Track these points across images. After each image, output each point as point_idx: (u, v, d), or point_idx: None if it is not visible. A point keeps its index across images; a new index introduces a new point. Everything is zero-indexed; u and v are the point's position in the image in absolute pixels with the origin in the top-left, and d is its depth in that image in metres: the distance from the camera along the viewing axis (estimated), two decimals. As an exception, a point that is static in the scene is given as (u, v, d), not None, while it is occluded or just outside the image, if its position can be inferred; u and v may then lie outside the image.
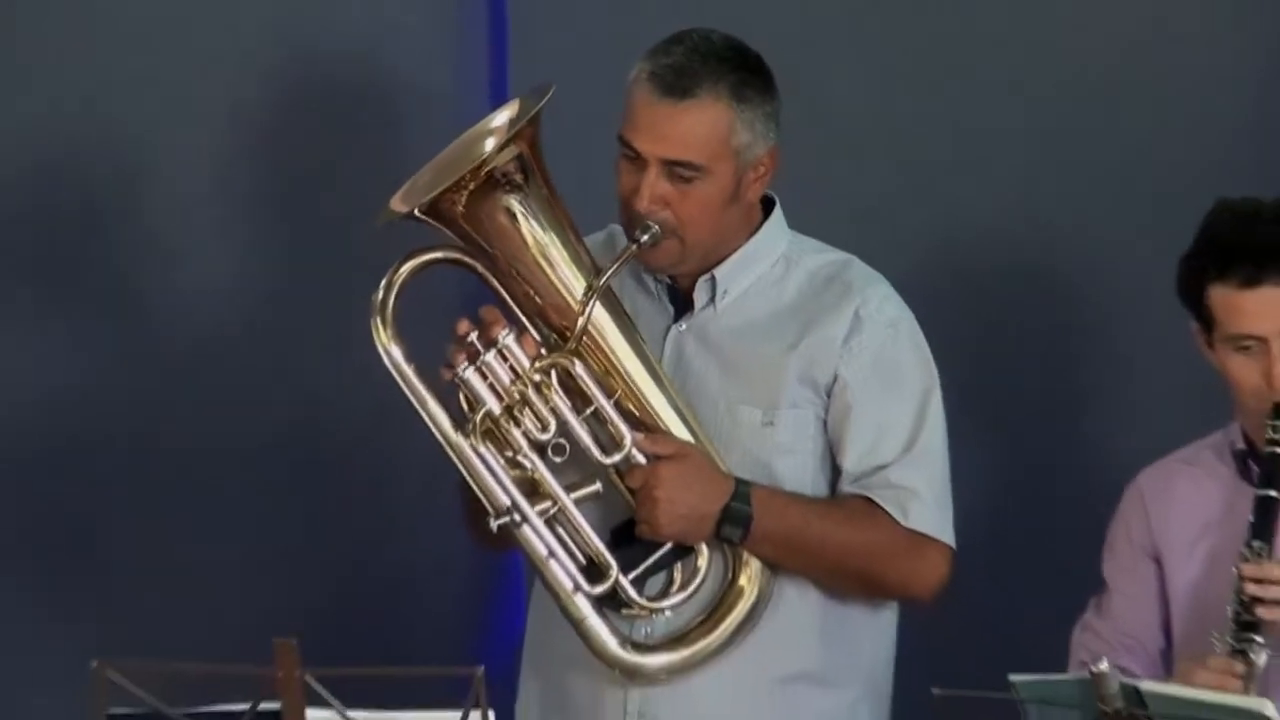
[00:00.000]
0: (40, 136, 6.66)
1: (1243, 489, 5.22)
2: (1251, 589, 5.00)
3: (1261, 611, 4.99)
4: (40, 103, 6.66)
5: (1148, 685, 4.75)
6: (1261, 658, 4.99)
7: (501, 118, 5.23)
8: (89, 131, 6.64)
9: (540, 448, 5.13)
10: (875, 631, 5.38)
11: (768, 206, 5.38)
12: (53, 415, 6.73)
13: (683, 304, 5.34)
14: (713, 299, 5.32)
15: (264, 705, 4.51)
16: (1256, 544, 5.04)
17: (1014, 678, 4.73)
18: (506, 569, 6.03)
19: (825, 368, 5.28)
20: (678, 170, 5.15)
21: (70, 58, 6.65)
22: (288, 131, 6.72)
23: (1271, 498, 5.10)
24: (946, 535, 5.28)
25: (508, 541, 5.21)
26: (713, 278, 5.31)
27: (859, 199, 5.89)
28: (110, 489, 6.61)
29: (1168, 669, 5.36)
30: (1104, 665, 4.69)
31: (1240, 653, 4.98)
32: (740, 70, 5.24)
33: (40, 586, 6.30)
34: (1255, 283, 5.16)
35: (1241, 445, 5.26)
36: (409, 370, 5.17)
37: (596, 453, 5.13)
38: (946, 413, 5.40)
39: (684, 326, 5.34)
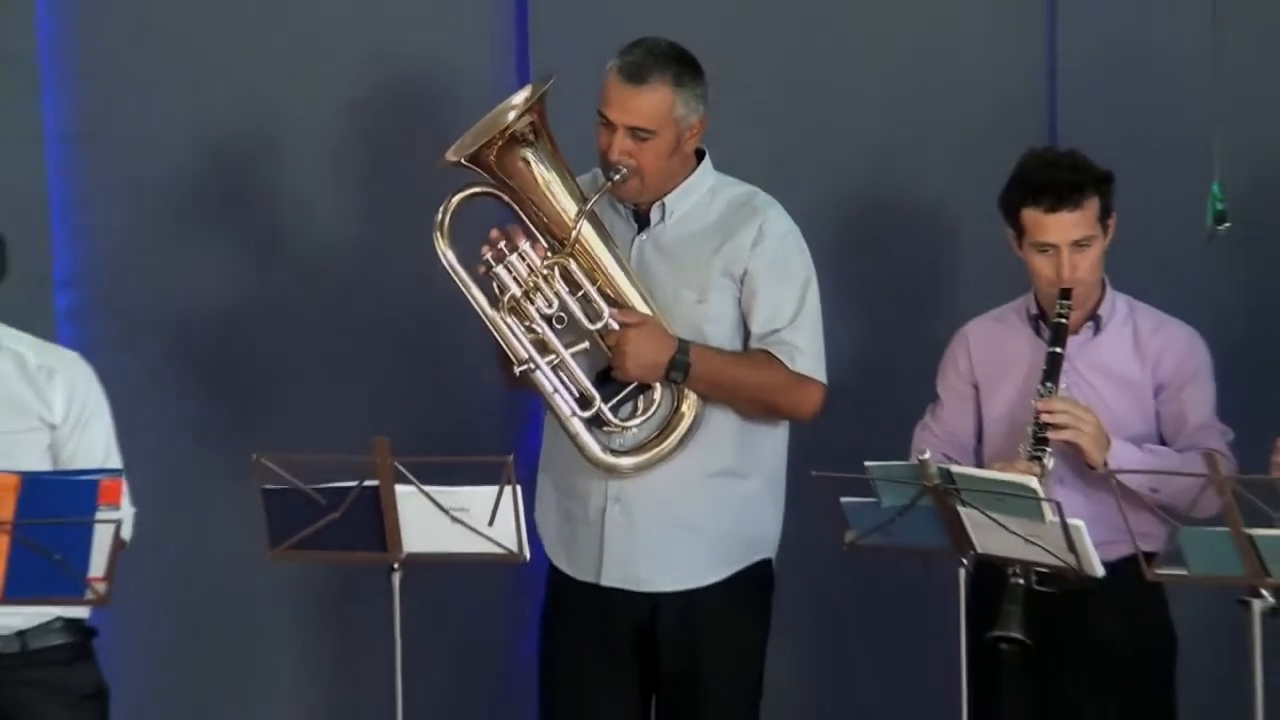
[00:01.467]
0: (216, 121, 6.62)
1: (1037, 343, 5.38)
2: (1044, 417, 5.17)
3: (1050, 433, 5.17)
4: (215, 98, 6.61)
5: (956, 468, 5.01)
6: (1050, 462, 5.14)
7: (519, 97, 5.38)
8: (247, 116, 6.65)
9: (548, 319, 5.35)
10: (774, 440, 5.55)
11: (701, 155, 5.54)
12: (228, 318, 6.71)
13: (643, 221, 5.51)
14: (663, 218, 5.50)
15: (368, 483, 4.83)
16: (1047, 385, 5.23)
17: (868, 464, 5.03)
18: (527, 409, 6.04)
19: (739, 264, 5.45)
20: (637, 132, 5.34)
21: (232, 63, 6.61)
22: (376, 111, 6.69)
23: (1057, 353, 5.27)
24: (820, 376, 5.45)
25: (527, 383, 5.41)
26: (663, 204, 5.49)
27: (762, 149, 5.94)
28: (265, 360, 6.64)
29: (978, 462, 5.48)
30: (927, 454, 5.05)
31: (1036, 458, 5.14)
32: (679, 65, 5.40)
33: (219, 424, 6.37)
34: (1055, 210, 5.28)
35: (1035, 311, 5.41)
36: (460, 267, 5.36)
37: (585, 321, 5.35)
38: (821, 293, 5.55)
39: (644, 237, 5.51)
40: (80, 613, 5.12)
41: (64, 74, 6.73)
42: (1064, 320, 5.31)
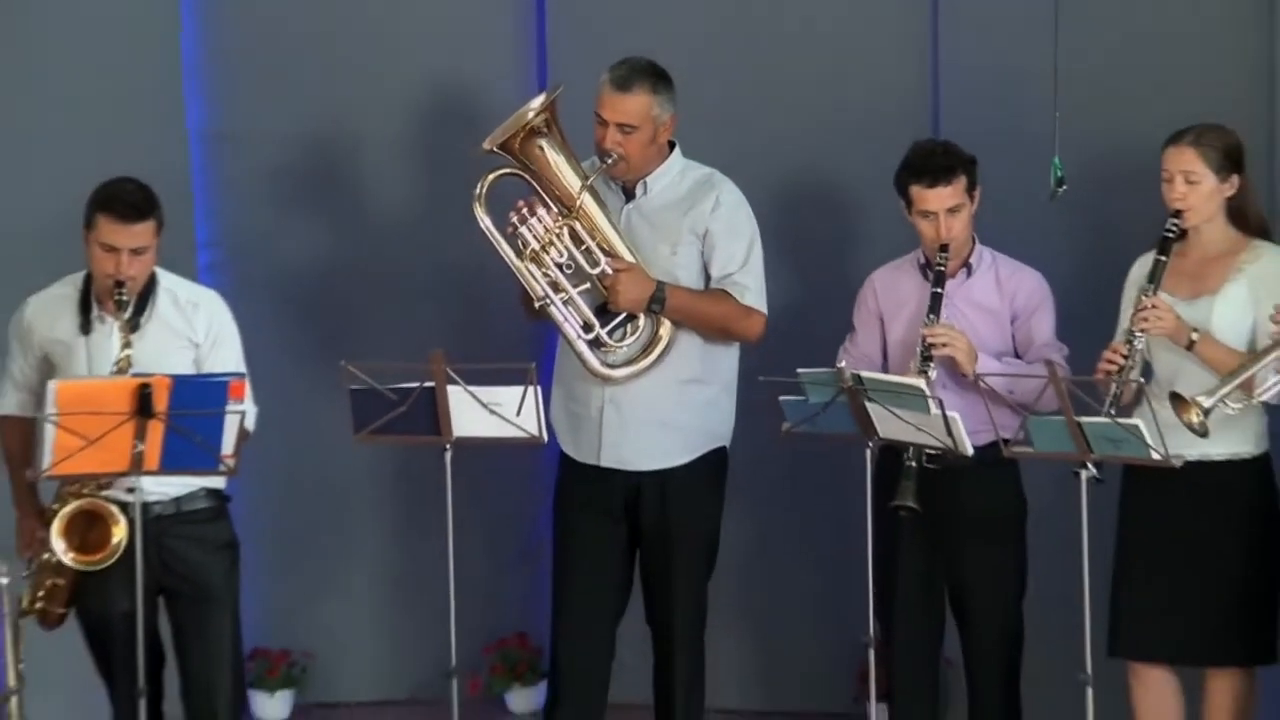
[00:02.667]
0: (314, 123, 6.66)
1: (924, 285, 5.34)
2: (929, 339, 5.14)
3: (934, 351, 5.14)
4: (314, 106, 6.66)
5: (865, 373, 5.07)
6: (933, 374, 5.10)
7: (537, 101, 5.42)
8: (336, 120, 6.66)
9: (559, 266, 5.38)
10: (729, 357, 5.57)
11: (672, 146, 5.54)
12: (323, 270, 6.73)
13: (629, 195, 5.51)
14: (645, 192, 5.50)
15: (426, 384, 4.94)
16: (931, 317, 5.20)
17: (800, 370, 5.12)
18: (543, 335, 6.04)
19: (701, 225, 5.46)
20: (624, 127, 5.36)
21: (326, 78, 6.64)
22: (429, 115, 6.66)
23: (938, 293, 5.23)
24: (763, 308, 5.47)
25: (544, 315, 5.43)
26: (644, 182, 5.50)
27: (717, 141, 5.83)
28: (349, 300, 6.65)
29: (883, 375, 5.31)
30: (843, 364, 5.18)
31: (923, 372, 5.10)
32: (655, 77, 5.42)
33: (315, 347, 6.34)
34: (933, 185, 5.25)
35: (923, 261, 5.37)
36: (493, 229, 5.40)
37: (587, 268, 5.38)
38: (763, 249, 5.55)
39: (630, 206, 5.51)
40: (217, 483, 5.12)
41: (201, 84, 6.72)
42: (943, 268, 5.29)
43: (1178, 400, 4.77)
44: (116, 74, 6.44)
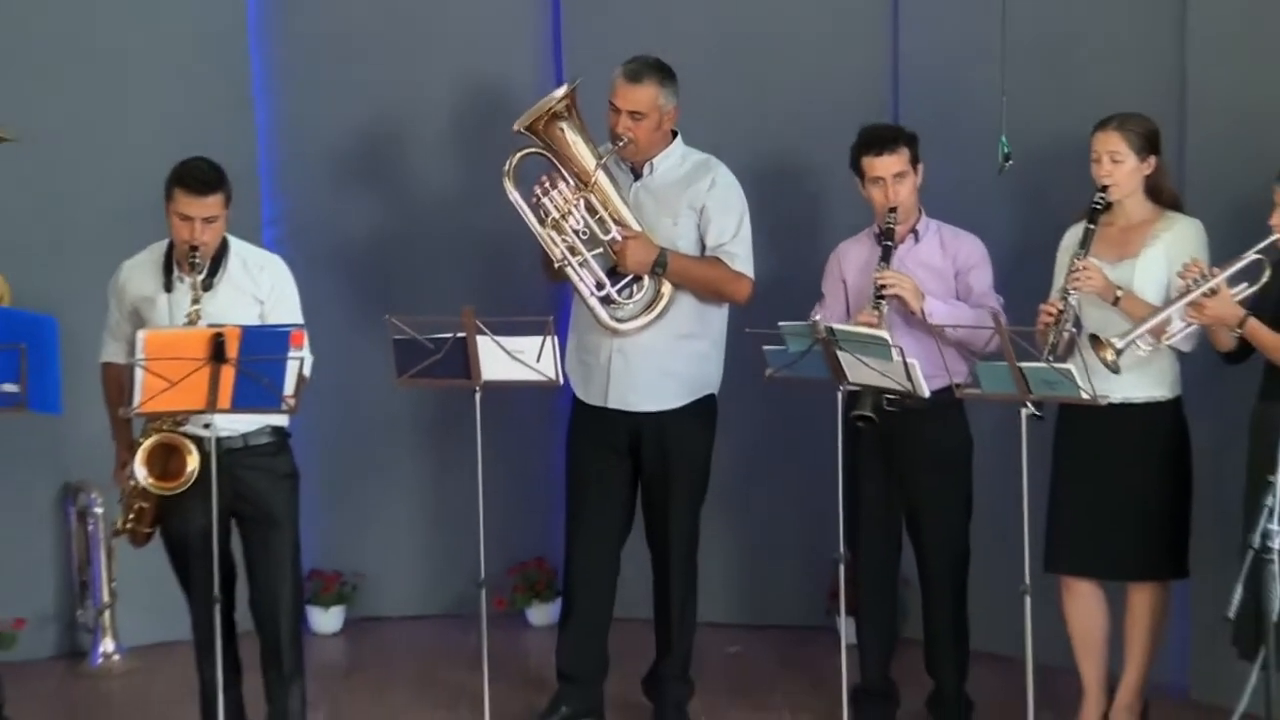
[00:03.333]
0: (368, 111, 6.62)
1: (878, 250, 5.28)
2: (879, 282, 5.13)
3: (884, 291, 5.14)
4: (368, 95, 6.60)
5: (837, 325, 5.05)
6: (885, 309, 5.11)
7: (559, 91, 5.42)
8: (387, 107, 6.61)
9: (576, 232, 5.38)
10: (719, 315, 5.55)
11: (675, 134, 5.51)
12: (374, 240, 6.70)
13: (637, 174, 5.49)
14: (651, 172, 5.48)
15: (459, 334, 4.94)
16: (881, 264, 5.19)
17: (780, 324, 5.09)
18: (560, 294, 5.94)
19: (699, 201, 5.46)
20: (634, 114, 5.36)
21: (380, 71, 6.59)
22: (466, 105, 6.62)
23: (889, 245, 5.22)
24: (750, 274, 5.46)
25: (562, 276, 5.44)
26: (651, 163, 5.48)
27: (709, 131, 5.75)
28: (396, 265, 6.63)
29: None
30: (817, 317, 5.21)
31: (876, 309, 5.11)
32: (662, 72, 5.41)
33: (365, 304, 6.29)
34: (880, 154, 5.25)
35: (877, 231, 5.32)
36: (520, 200, 5.40)
37: (600, 234, 5.37)
38: (753, 222, 5.52)
39: (638, 184, 5.49)
40: (280, 420, 5.09)
41: (266, 82, 6.72)
42: (892, 226, 5.28)
43: (1095, 341, 4.84)
44: (195, 73, 6.42)
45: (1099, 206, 5.09)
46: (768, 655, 6.26)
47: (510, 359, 4.96)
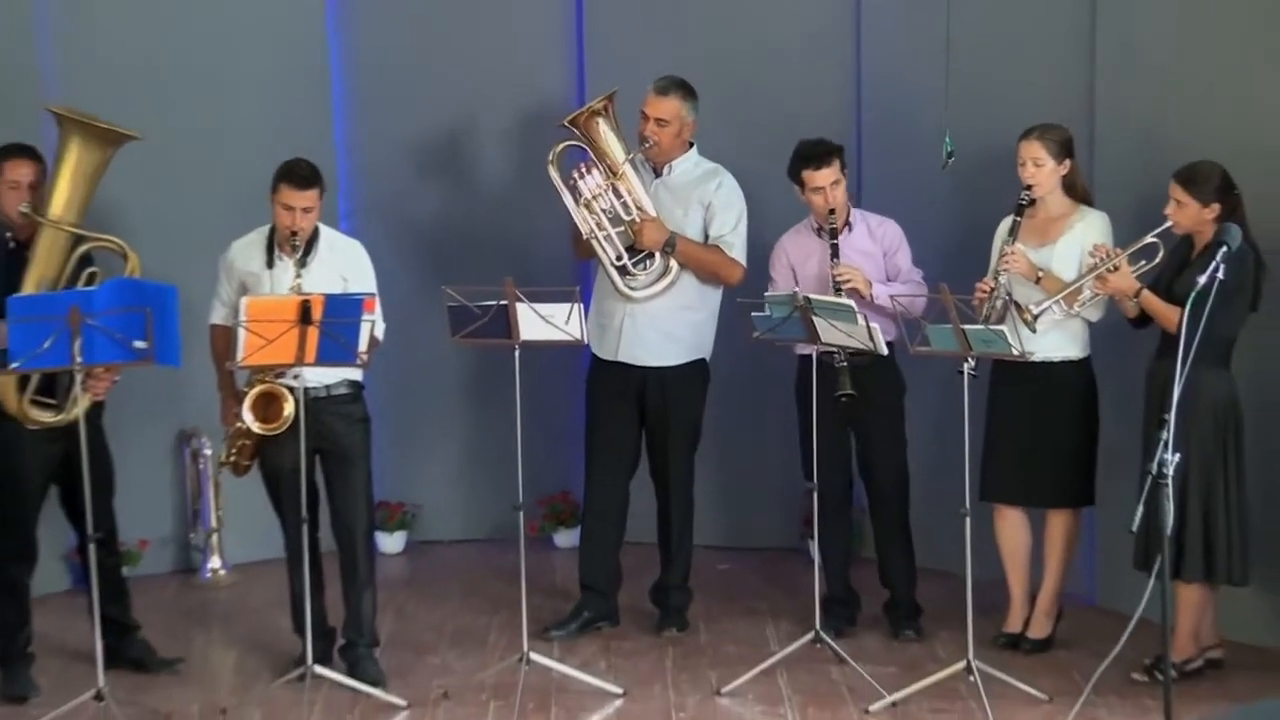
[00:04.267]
0: (437, 113, 6.49)
1: (819, 241, 5.29)
2: (837, 278, 5.12)
3: (843, 285, 5.13)
4: (435, 99, 6.48)
5: (813, 296, 4.97)
6: (844, 299, 4.99)
7: (599, 99, 5.42)
8: (451, 110, 6.51)
9: (604, 212, 5.36)
10: (715, 293, 5.50)
11: (691, 145, 5.48)
12: (436, 226, 6.58)
13: (658, 173, 5.46)
14: (669, 173, 5.45)
15: (500, 301, 4.90)
16: (835, 261, 5.18)
17: (766, 294, 5.15)
18: (585, 269, 5.79)
19: (706, 199, 5.43)
20: (660, 121, 5.35)
21: (447, 79, 6.50)
22: (513, 110, 6.48)
23: (835, 244, 5.21)
24: (743, 261, 5.43)
25: (589, 250, 5.43)
26: (670, 165, 5.45)
27: (718, 143, 5.62)
28: (455, 247, 6.48)
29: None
30: (796, 289, 5.08)
31: (838, 290, 5.10)
32: (685, 89, 5.40)
33: (429, 279, 5.96)
34: (819, 168, 5.20)
35: (815, 226, 5.29)
36: (560, 183, 5.37)
37: (623, 215, 5.36)
38: (750, 218, 5.48)
39: (658, 181, 5.46)
40: (356, 374, 5.09)
41: (343, 94, 6.64)
42: (834, 227, 5.26)
43: (1017, 307, 4.91)
44: (287, 93, 6.39)
45: (1024, 202, 5.11)
46: (752, 571, 6.25)
47: (544, 322, 4.94)
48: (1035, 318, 4.93)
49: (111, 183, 5.18)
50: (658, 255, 5.40)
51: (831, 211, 5.27)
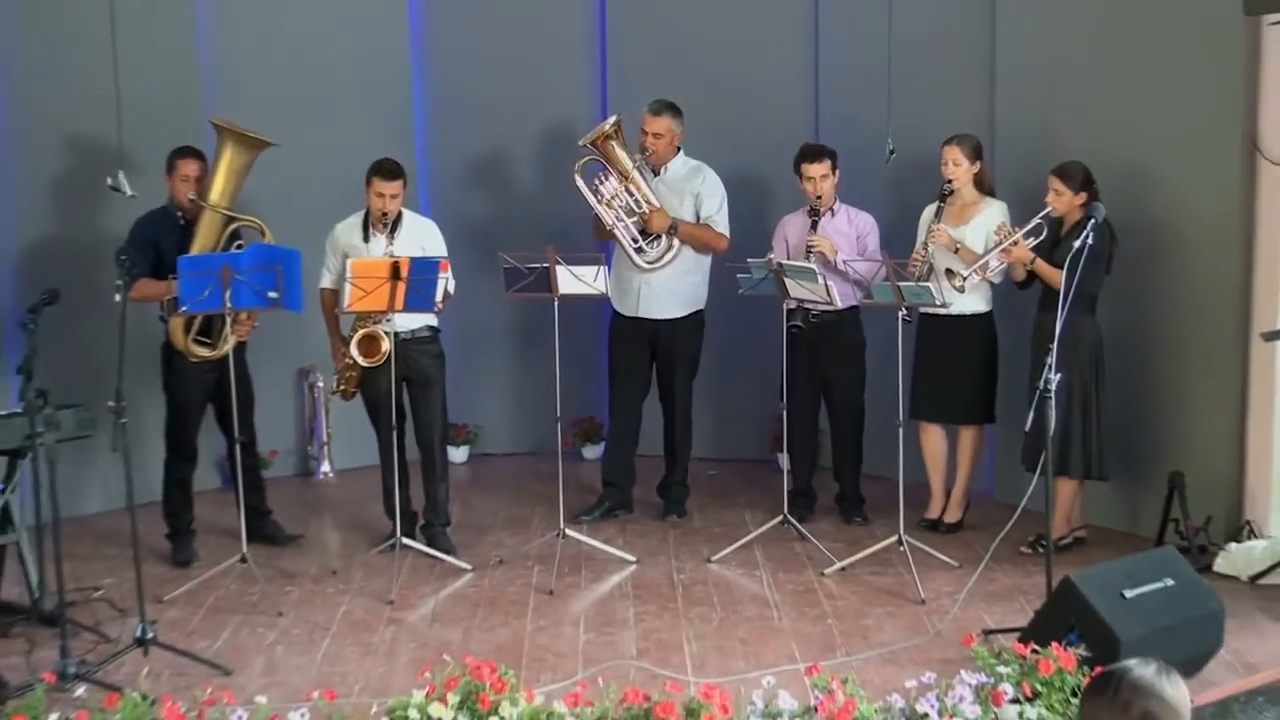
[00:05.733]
0: (483, 135, 6.40)
1: (807, 220, 5.23)
2: (809, 242, 5.12)
3: (812, 249, 5.10)
4: (480, 128, 6.37)
5: (785, 261, 5.02)
6: (813, 260, 5.00)
7: (609, 121, 5.35)
8: (512, 135, 6.42)
9: (621, 207, 5.33)
10: (707, 260, 5.46)
11: (679, 149, 5.40)
12: (490, 219, 6.40)
13: (656, 173, 5.40)
14: (666, 173, 5.40)
15: (544, 264, 4.86)
16: (811, 231, 5.18)
17: (749, 260, 5.03)
18: (608, 249, 5.41)
19: (694, 189, 5.39)
20: (655, 135, 5.32)
21: (487, 111, 6.38)
22: (548, 133, 6.39)
23: (815, 219, 5.19)
24: (727, 234, 5.39)
25: (609, 235, 5.38)
26: (666, 167, 5.40)
27: (689, 148, 5.44)
28: (509, 230, 6.20)
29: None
30: (771, 256, 5.12)
31: (807, 257, 5.07)
32: (673, 109, 5.37)
33: (488, 251, 5.77)
34: (812, 163, 5.19)
35: (809, 207, 5.23)
36: (585, 187, 5.31)
37: (636, 208, 5.32)
38: (730, 203, 5.44)
39: (657, 179, 5.40)
40: (433, 320, 5.06)
41: (423, 116, 6.52)
42: (818, 208, 5.23)
43: (950, 274, 4.93)
44: (380, 113, 6.34)
45: (946, 192, 5.15)
46: (734, 475, 6.22)
47: (576, 280, 4.92)
48: (965, 280, 4.95)
49: (252, 179, 5.17)
50: (664, 236, 5.38)
51: (818, 198, 5.24)
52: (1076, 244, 4.27)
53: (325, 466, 6.38)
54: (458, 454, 6.54)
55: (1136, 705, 1.94)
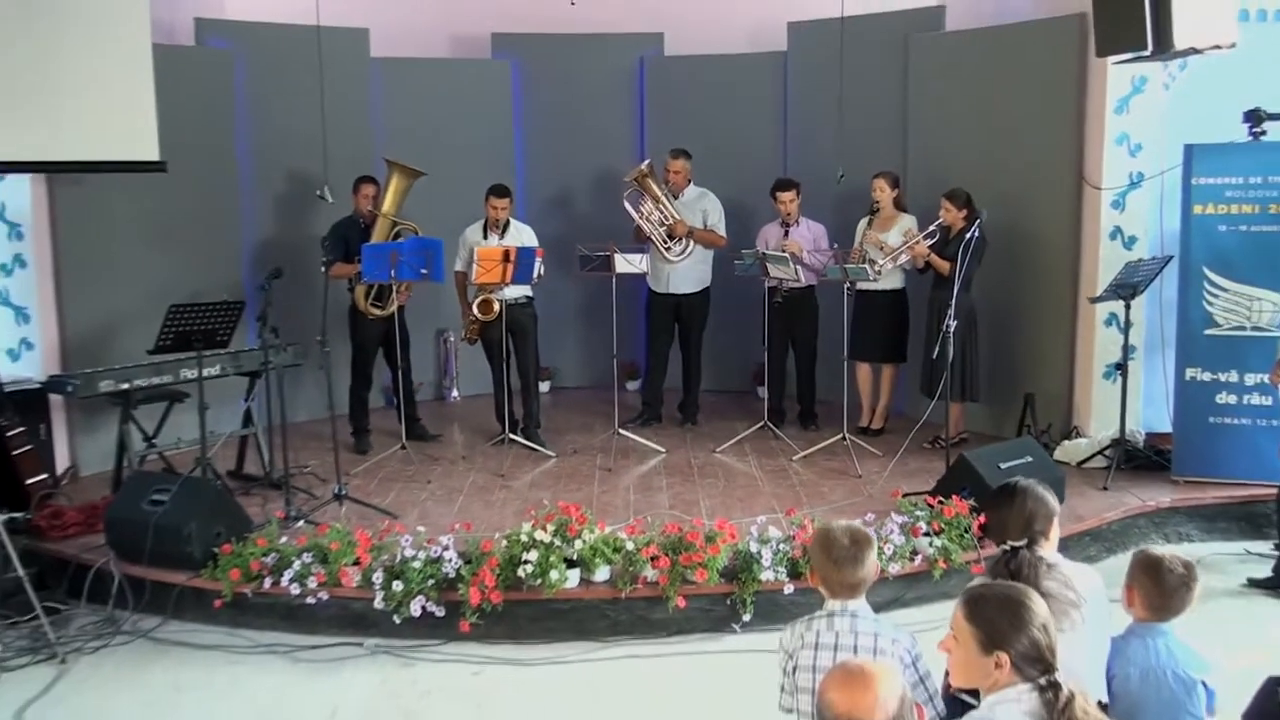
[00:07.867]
0: (578, 162, 6.04)
1: (780, 229, 5.04)
2: (783, 245, 4.91)
3: (787, 251, 4.79)
4: (571, 152, 6.02)
5: (766, 250, 4.92)
6: (788, 255, 4.73)
7: (645, 164, 5.18)
8: (567, 171, 6.07)
9: (655, 221, 5.17)
10: (713, 253, 5.31)
11: (690, 180, 5.23)
12: (558, 232, 5.87)
13: (676, 196, 5.21)
14: (683, 197, 5.22)
15: (607, 253, 4.71)
16: (784, 238, 4.98)
17: (742, 250, 4.87)
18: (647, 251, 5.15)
19: (703, 208, 5.24)
20: (676, 172, 5.20)
21: (565, 155, 6.04)
22: (596, 173, 6.01)
23: (787, 229, 5.03)
24: (725, 236, 5.25)
25: (644, 237, 5.18)
26: (683, 193, 5.23)
27: (706, 179, 5.29)
28: (574, 235, 5.62)
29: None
30: (758, 247, 5.06)
31: (782, 251, 4.84)
32: (686, 154, 5.22)
33: (566, 245, 5.48)
34: (783, 191, 5.06)
35: (780, 220, 5.04)
36: (631, 208, 5.16)
37: (665, 220, 5.16)
38: (726, 216, 5.30)
39: (678, 201, 5.22)
40: (529, 291, 4.96)
41: (522, 158, 6.20)
42: (788, 223, 5.11)
43: (871, 264, 4.85)
44: (489, 151, 6.09)
45: (874, 210, 5.12)
46: (728, 402, 6.00)
47: (628, 264, 4.83)
48: (883, 267, 4.92)
49: (410, 198, 5.12)
50: (684, 239, 5.25)
51: (788, 215, 5.15)
52: (967, 235, 4.33)
53: (455, 393, 6.27)
54: (542, 388, 6.26)
55: (1028, 503, 2.07)
